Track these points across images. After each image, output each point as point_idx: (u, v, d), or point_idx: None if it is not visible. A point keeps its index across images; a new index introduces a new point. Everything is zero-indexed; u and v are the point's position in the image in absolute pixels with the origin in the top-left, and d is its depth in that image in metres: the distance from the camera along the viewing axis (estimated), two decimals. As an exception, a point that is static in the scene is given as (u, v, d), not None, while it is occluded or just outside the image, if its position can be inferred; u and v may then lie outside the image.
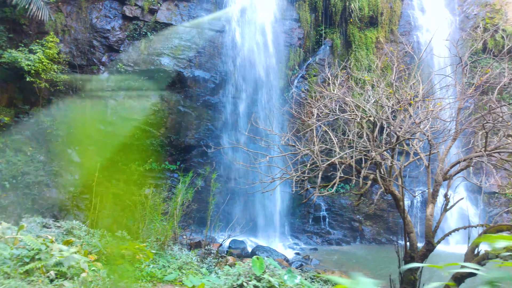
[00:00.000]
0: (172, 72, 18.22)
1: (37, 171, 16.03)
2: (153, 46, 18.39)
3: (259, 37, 19.39)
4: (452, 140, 7.97)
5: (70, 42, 17.76)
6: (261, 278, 4.43)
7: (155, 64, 18.14)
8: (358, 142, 7.85)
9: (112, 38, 18.17)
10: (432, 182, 8.16)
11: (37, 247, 4.93)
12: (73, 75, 17.78)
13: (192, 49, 18.69)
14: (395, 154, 8.09)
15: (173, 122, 18.65)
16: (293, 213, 19.67)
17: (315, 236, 19.18)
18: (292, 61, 20.19)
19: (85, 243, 6.88)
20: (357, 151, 7.31)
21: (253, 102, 19.11)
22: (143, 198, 12.26)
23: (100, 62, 18.04)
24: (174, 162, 18.85)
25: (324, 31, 20.87)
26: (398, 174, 7.71)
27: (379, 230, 19.85)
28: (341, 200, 20.05)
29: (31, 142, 16.77)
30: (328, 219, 19.59)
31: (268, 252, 15.52)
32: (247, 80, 19.09)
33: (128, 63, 18.11)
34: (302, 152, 7.79)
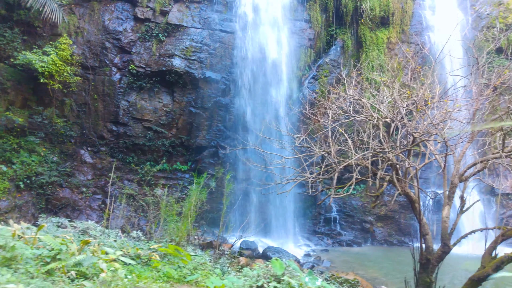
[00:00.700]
0: (184, 73, 18.29)
1: (50, 171, 16.21)
2: (165, 48, 18.49)
3: (270, 38, 19.39)
4: (468, 141, 7.89)
5: (83, 43, 17.93)
6: (281, 279, 4.41)
7: (166, 65, 18.24)
8: (373, 144, 7.80)
9: (124, 40, 18.31)
10: (448, 184, 8.07)
11: (58, 247, 4.98)
12: (85, 76, 17.95)
13: (203, 50, 18.75)
14: (410, 155, 8.02)
15: (184, 123, 18.73)
16: (304, 214, 19.63)
17: (326, 237, 19.11)
18: (303, 62, 20.16)
19: (102, 243, 6.93)
20: (372, 153, 7.25)
21: (264, 103, 19.12)
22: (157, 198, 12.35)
23: (112, 64, 18.19)
24: (185, 162, 18.93)
25: (335, 31, 20.80)
26: (414, 176, 7.64)
27: (391, 232, 19.72)
28: (352, 201, 19.96)
29: (44, 143, 16.97)
30: (339, 220, 19.51)
31: (279, 253, 15.51)
32: (258, 81, 19.10)
33: (140, 64, 18.24)
34: (318, 154, 7.74)
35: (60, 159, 17.10)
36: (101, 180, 17.52)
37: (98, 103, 18.04)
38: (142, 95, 18.44)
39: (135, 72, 18.18)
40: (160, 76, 18.37)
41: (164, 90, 18.68)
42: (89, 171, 17.55)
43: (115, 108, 18.11)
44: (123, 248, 6.97)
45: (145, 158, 18.37)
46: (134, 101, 18.28)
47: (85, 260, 5.19)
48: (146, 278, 5.83)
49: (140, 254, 6.91)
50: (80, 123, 17.90)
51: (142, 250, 7.17)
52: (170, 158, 18.78)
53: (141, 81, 18.28)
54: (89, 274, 5.01)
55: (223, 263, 8.89)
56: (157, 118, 18.44)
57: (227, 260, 9.64)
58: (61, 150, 17.31)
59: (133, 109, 18.22)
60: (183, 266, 7.37)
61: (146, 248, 7.41)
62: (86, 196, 16.81)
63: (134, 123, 18.30)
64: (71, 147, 17.61)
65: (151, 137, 18.34)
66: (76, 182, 16.88)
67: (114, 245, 6.91)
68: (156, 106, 18.47)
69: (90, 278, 4.97)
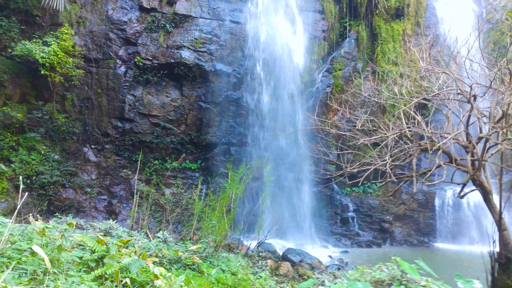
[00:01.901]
0: (193, 66, 17.25)
1: (52, 170, 15.02)
2: (172, 39, 17.44)
3: (282, 29, 18.46)
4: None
5: (85, 34, 16.79)
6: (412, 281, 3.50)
7: (174, 57, 17.18)
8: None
9: (129, 31, 17.22)
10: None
11: (101, 249, 3.93)
12: (88, 69, 16.81)
13: (213, 41, 17.74)
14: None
15: (194, 118, 17.67)
16: (320, 214, 18.67)
17: (344, 238, 18.16)
18: (317, 54, 19.27)
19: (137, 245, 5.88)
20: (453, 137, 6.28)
21: (277, 97, 18.16)
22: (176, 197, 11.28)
23: (116, 56, 17.08)
24: (195, 161, 17.86)
25: (349, 23, 19.96)
26: (483, 165, 6.72)
27: (410, 231, 18.86)
28: (369, 200, 19.08)
29: (45, 141, 15.77)
30: (357, 220, 18.60)
31: (301, 255, 14.51)
32: (270, 74, 18.15)
33: (146, 56, 17.16)
34: (391, 136, 6.72)
35: (62, 158, 15.91)
36: (106, 179, 16.36)
37: (102, 98, 16.90)
38: (149, 89, 17.34)
39: (141, 64, 17.09)
40: (168, 69, 17.30)
41: (172, 84, 17.61)
42: (93, 170, 16.38)
43: (120, 103, 16.98)
44: (160, 250, 5.92)
45: (153, 156, 17.25)
46: (141, 95, 17.18)
47: (132, 264, 4.15)
48: (201, 285, 4.80)
49: (181, 256, 5.86)
50: (83, 119, 16.72)
51: (181, 252, 6.12)
52: (179, 156, 17.69)
53: (147, 74, 17.19)
54: (140, 281, 3.96)
55: (262, 266, 7.87)
56: (165, 114, 17.35)
57: (262, 262, 8.63)
58: (62, 148, 16.11)
59: (139, 104, 17.11)
60: (227, 270, 6.35)
61: (184, 250, 6.36)
62: (90, 197, 15.64)
63: (141, 119, 17.18)
64: (74, 145, 16.42)
65: (159, 133, 17.23)
66: (80, 182, 15.70)
67: (151, 246, 5.86)
68: (164, 101, 17.38)
69: (142, 287, 3.93)
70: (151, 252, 5.76)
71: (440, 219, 18.97)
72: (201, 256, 6.57)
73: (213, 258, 6.58)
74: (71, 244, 4.79)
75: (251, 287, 5.59)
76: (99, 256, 3.84)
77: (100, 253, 3.84)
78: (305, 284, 3.04)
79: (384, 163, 6.02)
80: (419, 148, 6.21)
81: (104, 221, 7.51)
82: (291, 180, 18.18)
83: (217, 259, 6.64)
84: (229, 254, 8.12)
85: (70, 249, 4.23)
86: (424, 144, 6.24)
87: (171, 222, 10.24)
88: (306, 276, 11.14)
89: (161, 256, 5.79)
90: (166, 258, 5.84)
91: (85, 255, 3.85)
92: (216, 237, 6.97)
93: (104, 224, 7.45)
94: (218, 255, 6.68)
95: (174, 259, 5.92)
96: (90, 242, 3.99)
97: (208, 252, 6.63)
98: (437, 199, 19.18)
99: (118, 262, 4.13)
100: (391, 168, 5.86)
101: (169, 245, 6.70)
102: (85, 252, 3.97)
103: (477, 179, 6.32)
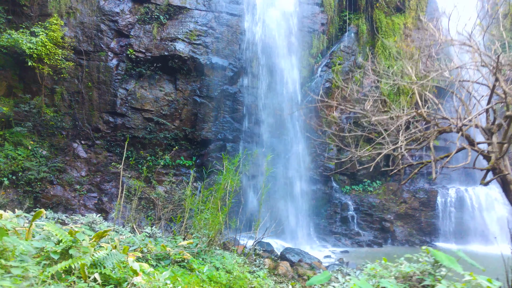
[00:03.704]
0: (188, 59, 16.62)
1: (39, 166, 14.34)
2: (166, 31, 16.82)
3: (280, 22, 17.89)
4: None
5: (76, 25, 16.14)
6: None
7: (169, 50, 16.55)
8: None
9: (122, 22, 16.57)
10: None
11: (68, 239, 3.29)
12: (78, 62, 16.15)
13: (209, 34, 17.13)
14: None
15: (189, 113, 17.03)
16: (318, 213, 18.06)
17: (343, 237, 17.55)
18: (315, 49, 18.69)
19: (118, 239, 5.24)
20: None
21: (274, 92, 17.56)
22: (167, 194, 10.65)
23: (108, 48, 16.42)
24: (189, 157, 17.21)
25: (348, 16, 19.41)
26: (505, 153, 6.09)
27: (411, 231, 18.26)
28: (369, 199, 18.48)
29: (32, 135, 15.09)
30: (357, 219, 17.99)
31: (300, 254, 13.90)
32: (268, 68, 17.56)
33: (139, 49, 16.52)
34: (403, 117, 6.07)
35: (50, 153, 15.23)
36: (96, 176, 15.68)
37: (93, 92, 16.23)
38: (142, 83, 16.69)
39: (134, 57, 16.45)
40: (161, 62, 16.66)
41: (166, 77, 16.97)
42: (83, 166, 15.70)
43: (112, 97, 16.32)
44: (146, 245, 5.28)
45: (146, 152, 16.59)
46: (133, 89, 16.52)
47: (107, 258, 3.51)
48: (190, 283, 4.17)
49: (169, 252, 5.22)
50: (73, 114, 16.05)
51: (169, 247, 5.48)
52: (173, 153, 17.04)
53: (140, 67, 16.55)
54: (115, 277, 3.32)
55: (260, 265, 7.24)
56: (159, 108, 16.70)
57: (259, 261, 8.00)
58: (51, 144, 15.43)
59: (131, 98, 16.46)
60: (220, 267, 5.72)
61: (174, 246, 5.72)
62: (80, 194, 14.96)
63: (133, 113, 16.52)
64: (63, 140, 15.75)
65: (152, 129, 16.58)
66: (69, 179, 15.01)
67: (135, 240, 5.22)
68: (158, 95, 16.73)
69: (119, 285, 3.29)
70: (136, 247, 5.12)
71: (443, 219, 18.41)
72: (192, 253, 5.94)
73: (206, 254, 5.95)
74: (40, 237, 4.14)
75: (248, 286, 4.96)
76: (65, 247, 3.20)
77: (66, 244, 3.20)
78: (319, 277, 2.44)
79: (398, 147, 5.43)
80: (437, 130, 5.61)
81: (86, 215, 6.86)
82: (289, 178, 17.57)
83: (211, 256, 6.01)
84: (224, 252, 7.48)
85: (29, 238, 3.58)
86: (441, 126, 5.63)
87: (163, 219, 9.59)
88: (306, 276, 10.52)
89: (147, 252, 5.15)
90: (153, 254, 5.21)
91: (48, 246, 3.22)
92: (209, 232, 6.33)
93: (86, 218, 6.82)
94: (211, 251, 6.05)
95: (161, 255, 5.29)
96: (56, 231, 3.35)
97: (200, 248, 6.00)
98: (439, 197, 18.62)
99: (91, 255, 3.50)
100: (403, 155, 5.27)
101: (157, 240, 6.06)
102: (49, 243, 3.34)
103: (497, 167, 5.73)
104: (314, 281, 2.44)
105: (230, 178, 7.48)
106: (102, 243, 4.82)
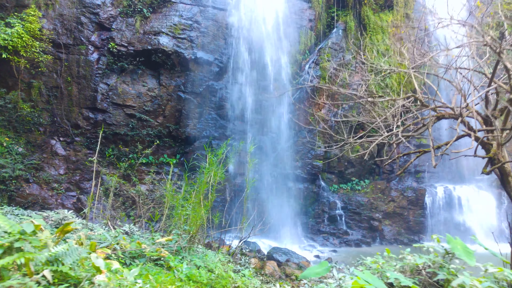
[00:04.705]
0: (172, 53, 16.11)
1: (14, 164, 13.64)
2: (150, 24, 16.27)
3: (268, 17, 17.51)
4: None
5: (54, 17, 15.48)
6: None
7: (152, 44, 16.01)
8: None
9: (103, 15, 15.97)
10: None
11: (17, 230, 2.81)
12: (57, 55, 15.49)
13: (194, 28, 16.64)
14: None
15: (173, 110, 16.50)
16: (306, 212, 17.70)
17: (331, 237, 17.21)
18: (303, 45, 18.36)
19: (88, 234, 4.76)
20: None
21: (261, 89, 17.16)
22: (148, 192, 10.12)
23: (89, 42, 15.80)
24: (173, 155, 16.67)
25: (336, 13, 19.14)
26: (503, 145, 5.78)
27: (400, 230, 18.04)
28: (357, 197, 18.19)
29: (7, 132, 14.38)
30: (345, 218, 17.68)
31: (287, 254, 13.49)
32: (255, 64, 17.15)
33: (121, 42, 15.94)
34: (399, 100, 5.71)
35: (27, 151, 14.53)
36: (75, 174, 15.03)
37: (72, 87, 15.58)
38: (124, 77, 16.11)
39: (116, 51, 15.86)
40: (144, 56, 16.11)
41: (149, 72, 16.41)
42: (61, 164, 15.03)
43: (92, 92, 15.70)
44: (119, 241, 4.80)
45: (128, 149, 15.99)
46: (115, 84, 15.93)
47: (67, 254, 3.04)
48: (165, 283, 3.70)
49: (145, 250, 4.75)
50: (51, 109, 15.38)
51: (146, 244, 5.01)
52: (156, 150, 16.48)
53: (122, 61, 15.97)
54: (75, 276, 2.84)
55: (245, 263, 6.80)
56: (141, 104, 16.13)
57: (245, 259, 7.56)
58: (27, 140, 14.74)
59: (113, 93, 15.86)
60: (202, 266, 5.26)
61: (151, 243, 5.24)
62: (58, 193, 14.29)
63: (115, 109, 15.92)
64: (40, 137, 15.06)
65: (134, 125, 16.00)
66: (46, 177, 14.34)
67: (107, 237, 4.73)
68: (140, 91, 16.17)
69: (78, 283, 2.82)
70: (107, 244, 4.63)
71: (431, 217, 18.24)
72: (171, 250, 5.46)
73: (186, 252, 5.49)
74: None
75: (231, 285, 4.52)
76: (13, 240, 2.71)
77: (14, 236, 2.72)
78: (316, 268, 2.02)
79: (394, 133, 5.05)
80: (436, 115, 5.25)
81: (57, 211, 6.34)
82: (276, 176, 17.17)
83: (192, 254, 5.55)
84: (207, 250, 7.02)
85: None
86: (440, 112, 5.28)
87: (144, 217, 9.07)
88: (294, 276, 10.11)
89: (120, 249, 4.66)
90: (126, 251, 4.72)
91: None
92: (190, 228, 5.87)
93: (57, 215, 6.29)
94: (193, 249, 5.59)
95: (136, 253, 4.81)
96: (5, 223, 2.86)
97: (180, 245, 5.53)
98: (427, 196, 18.45)
99: (49, 251, 3.02)
100: (400, 142, 4.89)
101: (133, 237, 5.57)
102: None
103: (497, 158, 5.41)
104: (310, 273, 2.03)
105: (214, 170, 7.03)
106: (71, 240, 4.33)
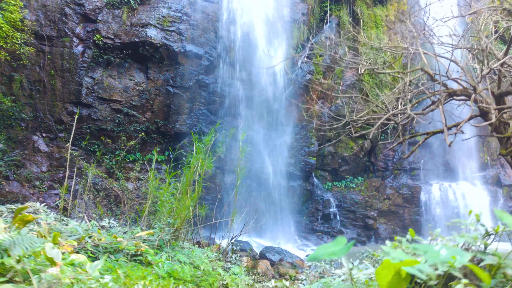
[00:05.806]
0: (160, 46, 15.53)
1: (-7, 160, 12.97)
2: (137, 16, 15.69)
3: (260, 10, 17.02)
4: None
5: (37, 8, 14.83)
6: None
7: (139, 36, 15.42)
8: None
9: (88, 6, 15.35)
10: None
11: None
12: (40, 48, 14.84)
13: (183, 21, 16.09)
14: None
15: (161, 105, 15.91)
16: (300, 210, 17.22)
17: (326, 235, 16.75)
18: (296, 39, 17.91)
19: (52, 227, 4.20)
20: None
21: (253, 83, 16.66)
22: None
23: (73, 34, 15.17)
24: (162, 152, 16.08)
25: (330, 7, 18.72)
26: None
27: (395, 228, 17.64)
28: (352, 195, 17.77)
29: (-14, 127, 13.70)
30: (340, 217, 17.23)
31: (281, 253, 13.00)
32: (246, 58, 16.65)
33: (107, 35, 15.32)
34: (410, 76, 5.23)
35: (7, 147, 13.85)
36: (59, 172, 14.37)
37: (56, 80, 14.93)
38: (110, 71, 15.49)
39: (102, 44, 15.24)
40: (132, 49, 15.50)
41: (136, 66, 15.82)
42: (44, 161, 14.37)
43: (77, 86, 15.06)
44: (92, 234, 4.24)
45: (114, 146, 15.37)
46: (100, 78, 15.30)
47: (16, 244, 2.49)
48: (138, 278, 3.16)
49: (122, 244, 4.20)
50: (33, 104, 14.71)
51: (123, 238, 4.45)
52: (143, 147, 15.90)
53: (108, 54, 15.36)
54: (20, 269, 2.29)
55: (235, 261, 6.28)
56: (128, 99, 15.52)
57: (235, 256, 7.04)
58: (8, 136, 14.06)
59: (98, 87, 15.23)
60: (185, 262, 4.72)
61: (130, 237, 4.69)
62: (39, 191, 13.63)
63: (100, 104, 15.29)
64: (22, 133, 14.38)
65: (120, 121, 15.39)
66: (27, 174, 13.67)
67: (78, 229, 4.17)
68: (127, 85, 15.56)
69: (21, 279, 2.27)
70: (77, 237, 4.07)
71: (426, 215, 17.88)
72: (153, 246, 4.91)
73: (169, 248, 4.95)
74: None
75: (219, 283, 4.00)
76: None
77: None
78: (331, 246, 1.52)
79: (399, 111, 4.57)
80: (447, 91, 4.78)
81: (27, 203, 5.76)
82: (269, 174, 16.66)
83: (176, 250, 5.01)
84: (194, 247, 6.48)
85: None
86: (451, 88, 4.81)
87: (127, 213, 8.51)
88: (288, 276, 9.61)
89: (92, 243, 4.10)
90: (101, 245, 4.16)
91: None
92: (174, 221, 5.33)
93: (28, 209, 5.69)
94: (177, 244, 5.05)
95: (112, 248, 4.25)
96: None
97: (163, 239, 4.98)
98: (422, 194, 18.08)
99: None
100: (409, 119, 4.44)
101: (110, 231, 5.01)
102: None
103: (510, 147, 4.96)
104: (322, 253, 1.54)
105: (201, 158, 6.51)
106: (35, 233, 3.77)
